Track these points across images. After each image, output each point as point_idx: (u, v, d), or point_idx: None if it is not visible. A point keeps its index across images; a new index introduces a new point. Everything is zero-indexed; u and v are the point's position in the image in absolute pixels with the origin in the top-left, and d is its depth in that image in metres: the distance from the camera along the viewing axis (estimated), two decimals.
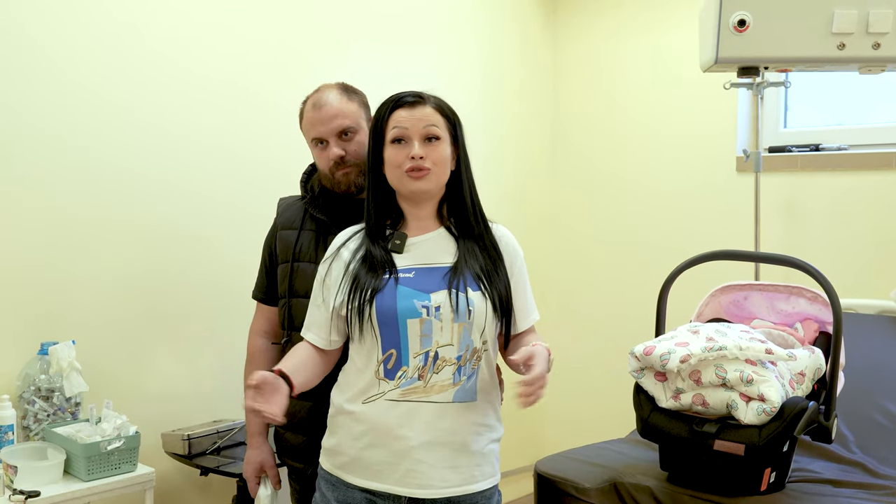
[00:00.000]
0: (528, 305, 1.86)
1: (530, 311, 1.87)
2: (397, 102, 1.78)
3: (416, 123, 1.75)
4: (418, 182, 1.75)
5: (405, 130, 1.75)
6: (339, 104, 2.03)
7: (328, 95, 2.04)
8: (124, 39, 2.52)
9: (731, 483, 2.08)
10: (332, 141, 2.02)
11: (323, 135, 2.03)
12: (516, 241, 1.88)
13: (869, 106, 3.21)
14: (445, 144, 1.77)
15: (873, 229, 3.06)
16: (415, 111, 1.76)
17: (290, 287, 2.07)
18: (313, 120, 2.04)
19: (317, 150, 2.07)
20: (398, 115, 1.77)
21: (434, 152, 1.75)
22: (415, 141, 1.74)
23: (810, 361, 2.14)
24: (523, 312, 1.85)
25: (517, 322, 1.84)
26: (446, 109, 1.80)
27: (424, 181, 1.75)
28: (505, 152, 3.70)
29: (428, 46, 3.38)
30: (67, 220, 2.43)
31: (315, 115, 2.04)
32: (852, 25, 2.56)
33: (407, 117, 1.76)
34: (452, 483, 1.73)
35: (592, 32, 3.79)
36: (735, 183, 3.36)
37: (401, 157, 1.75)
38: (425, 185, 1.75)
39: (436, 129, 1.76)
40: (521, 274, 1.86)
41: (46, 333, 2.37)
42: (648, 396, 2.16)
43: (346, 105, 2.03)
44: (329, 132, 2.02)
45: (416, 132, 1.75)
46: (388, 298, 1.72)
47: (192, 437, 2.46)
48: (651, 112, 3.61)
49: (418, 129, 1.75)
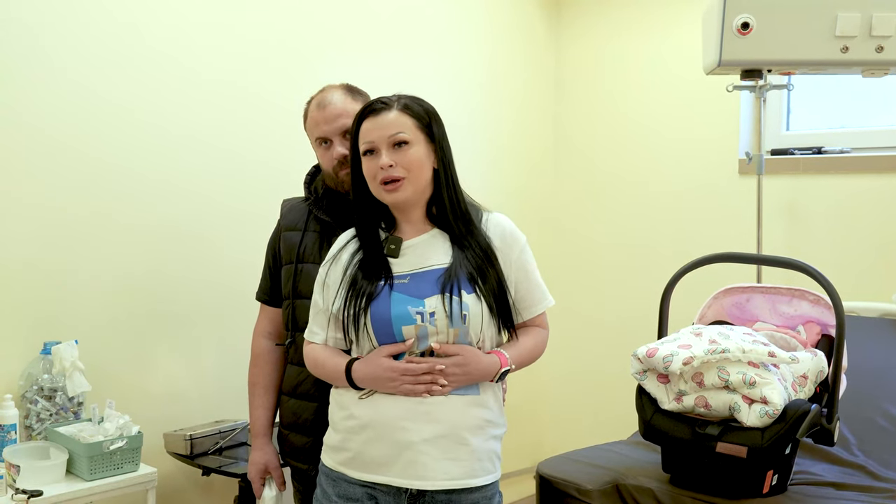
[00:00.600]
0: (532, 295, 1.84)
1: (539, 298, 1.85)
2: (364, 112, 1.77)
3: (382, 133, 1.73)
4: (394, 194, 1.74)
5: (372, 143, 1.74)
6: (344, 104, 2.04)
7: (333, 95, 2.05)
8: (124, 39, 2.52)
9: (734, 485, 2.08)
10: (336, 140, 2.03)
11: (327, 134, 2.03)
12: (515, 228, 1.85)
13: (871, 109, 3.21)
14: (417, 147, 1.75)
15: (876, 232, 3.06)
16: (379, 119, 1.75)
17: (294, 288, 2.07)
18: (317, 119, 2.05)
19: (321, 149, 2.07)
20: (365, 127, 1.76)
21: (404, 158, 1.73)
22: (382, 150, 1.73)
23: (813, 364, 2.14)
24: (527, 301, 1.83)
25: (521, 311, 1.83)
26: (415, 109, 1.77)
27: (400, 192, 1.74)
28: (507, 154, 3.70)
29: (430, 48, 3.38)
30: (69, 220, 2.43)
31: (319, 114, 2.04)
32: (856, 28, 2.56)
33: (372, 128, 1.75)
34: (453, 475, 1.72)
35: (595, 34, 3.79)
36: (737, 185, 3.36)
37: (373, 168, 1.74)
38: (401, 196, 1.75)
39: (402, 135, 1.73)
40: (523, 260, 1.83)
41: (49, 333, 2.37)
42: (651, 398, 2.16)
43: (350, 105, 2.03)
44: (333, 131, 2.03)
45: (382, 141, 1.73)
46: (382, 306, 1.72)
47: (194, 438, 2.46)
48: (653, 114, 3.61)
49: (384, 139, 1.73)
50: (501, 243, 1.81)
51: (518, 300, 1.83)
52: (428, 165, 1.77)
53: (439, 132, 1.79)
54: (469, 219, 1.80)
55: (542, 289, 1.86)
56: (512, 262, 1.81)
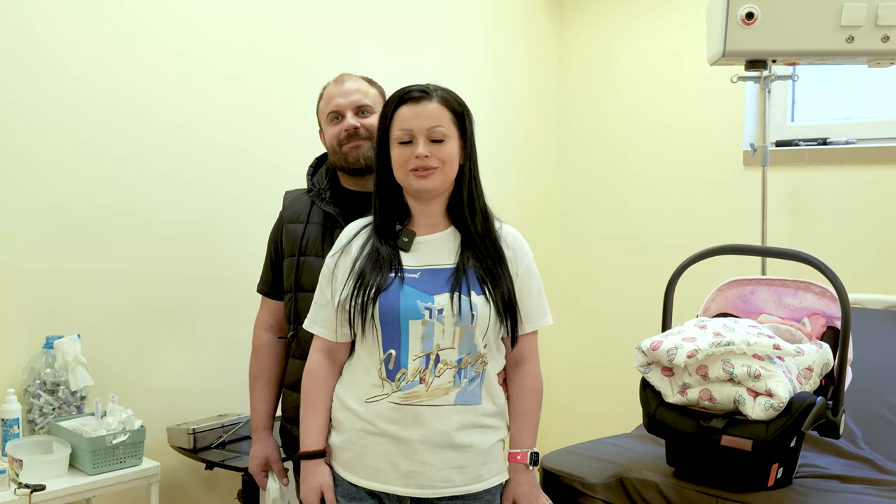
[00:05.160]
0: (534, 309, 1.83)
1: (539, 316, 1.84)
2: (402, 98, 1.75)
3: (422, 123, 1.72)
4: (423, 181, 1.73)
5: (410, 131, 1.72)
6: (359, 84, 2.11)
7: (350, 77, 2.13)
8: (130, 35, 2.51)
9: (738, 478, 2.07)
10: (348, 115, 2.06)
11: (341, 107, 2.07)
12: (525, 242, 1.85)
13: (877, 99, 3.19)
14: (452, 142, 1.74)
15: (881, 223, 3.04)
16: (419, 108, 1.73)
17: (297, 281, 2.06)
18: (333, 93, 2.10)
19: (330, 126, 2.09)
20: (403, 114, 1.74)
21: (440, 151, 1.72)
22: (420, 140, 1.72)
23: (818, 356, 2.13)
24: (529, 315, 1.82)
25: (523, 324, 1.81)
26: (454, 103, 1.77)
27: (430, 179, 1.73)
28: (511, 148, 3.69)
29: (434, 42, 3.37)
30: (73, 214, 2.43)
31: (336, 88, 2.10)
32: (861, 18, 2.54)
33: (412, 116, 1.73)
34: (456, 483, 1.72)
35: (599, 27, 3.77)
36: (742, 177, 3.34)
37: (406, 156, 1.73)
38: (430, 184, 1.73)
39: (441, 130, 1.73)
40: (529, 275, 1.82)
41: (51, 327, 2.37)
42: (655, 391, 2.15)
43: (366, 87, 2.11)
44: (348, 105, 2.07)
45: (420, 132, 1.72)
46: (392, 298, 1.71)
47: (197, 432, 2.46)
48: (657, 106, 3.59)
49: (423, 130, 1.72)
50: (512, 253, 1.81)
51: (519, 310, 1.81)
52: (457, 161, 1.77)
53: (471, 129, 1.79)
54: (489, 217, 1.80)
55: (543, 308, 1.85)
56: (519, 274, 1.80)
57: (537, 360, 1.87)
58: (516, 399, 1.84)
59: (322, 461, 1.78)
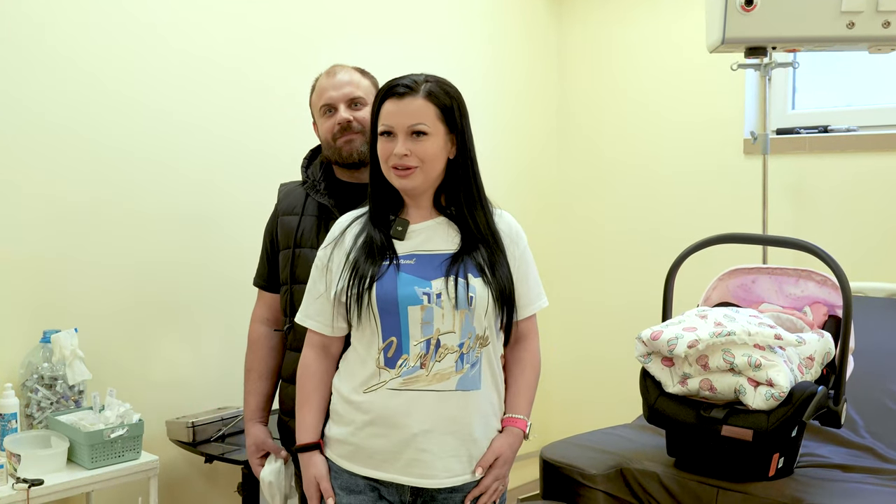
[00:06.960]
0: (530, 292, 1.83)
1: (534, 298, 1.84)
2: (387, 92, 1.74)
3: (402, 119, 1.70)
4: (403, 180, 1.72)
5: (391, 127, 1.71)
6: (352, 76, 2.08)
7: (343, 68, 2.11)
8: (128, 27, 2.50)
9: (739, 468, 2.06)
10: (341, 108, 2.05)
11: (333, 100, 2.05)
12: (518, 226, 1.84)
13: (878, 86, 3.17)
14: (434, 139, 1.71)
15: (883, 211, 3.02)
16: (402, 104, 1.71)
17: (292, 273, 2.05)
18: (325, 86, 2.07)
19: (323, 119, 2.07)
20: (386, 109, 1.72)
21: (420, 148, 1.70)
22: (399, 137, 1.70)
23: (819, 346, 2.12)
24: (525, 299, 1.82)
25: (519, 310, 1.81)
26: (441, 97, 1.73)
27: (409, 179, 1.72)
28: (510, 138, 3.67)
29: (432, 33, 3.35)
30: (69, 207, 2.42)
31: (328, 80, 2.08)
32: (861, 4, 2.52)
33: (393, 111, 1.71)
34: (456, 472, 1.72)
35: (598, 16, 3.75)
36: (743, 166, 3.33)
37: (387, 151, 1.72)
38: (410, 184, 1.72)
39: (422, 126, 1.70)
40: (523, 259, 1.82)
41: (49, 321, 2.36)
42: (655, 382, 2.15)
43: (358, 78, 2.09)
44: (340, 98, 2.05)
45: (401, 128, 1.70)
46: (388, 285, 1.70)
47: (196, 425, 2.45)
48: (657, 95, 3.57)
49: (403, 126, 1.70)
50: (508, 239, 1.80)
51: (516, 297, 1.81)
52: (442, 157, 1.74)
53: (462, 121, 1.76)
54: (488, 210, 1.79)
55: (538, 290, 1.85)
56: (515, 259, 1.80)
57: (537, 338, 1.88)
58: (516, 371, 1.84)
59: (317, 452, 1.77)
